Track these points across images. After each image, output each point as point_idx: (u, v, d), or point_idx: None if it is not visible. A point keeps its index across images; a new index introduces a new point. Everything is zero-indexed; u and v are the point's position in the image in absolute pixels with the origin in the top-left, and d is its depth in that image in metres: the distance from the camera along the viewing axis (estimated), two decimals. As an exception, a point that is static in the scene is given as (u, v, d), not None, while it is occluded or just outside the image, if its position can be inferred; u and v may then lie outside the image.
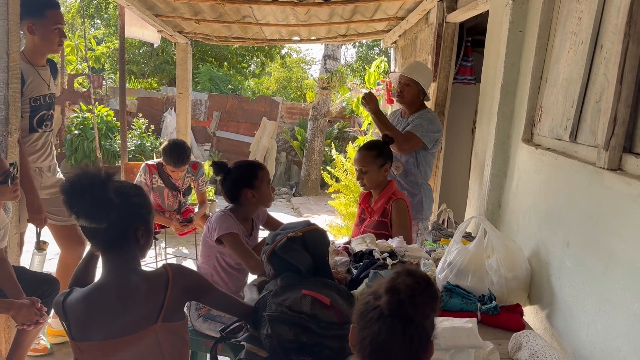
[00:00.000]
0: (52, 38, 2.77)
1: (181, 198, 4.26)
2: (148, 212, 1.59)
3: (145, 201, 1.58)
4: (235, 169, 2.37)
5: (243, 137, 10.34)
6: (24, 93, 2.73)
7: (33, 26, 2.71)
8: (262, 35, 5.68)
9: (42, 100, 2.85)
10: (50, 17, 2.74)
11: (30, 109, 2.80)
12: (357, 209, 3.02)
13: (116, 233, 1.50)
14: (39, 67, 2.83)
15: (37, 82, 2.81)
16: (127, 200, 1.50)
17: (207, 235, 2.37)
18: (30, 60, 2.79)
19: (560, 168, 1.92)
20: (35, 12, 2.71)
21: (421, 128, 3.09)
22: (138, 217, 1.54)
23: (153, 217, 1.63)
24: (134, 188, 1.57)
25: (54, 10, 2.77)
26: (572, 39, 1.96)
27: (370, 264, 2.11)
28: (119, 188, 1.50)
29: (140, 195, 1.57)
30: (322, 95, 8.82)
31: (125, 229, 1.51)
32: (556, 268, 1.87)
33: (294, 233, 1.76)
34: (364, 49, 19.56)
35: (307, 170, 9.33)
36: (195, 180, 4.22)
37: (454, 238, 2.17)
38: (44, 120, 2.90)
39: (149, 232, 1.59)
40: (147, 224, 1.58)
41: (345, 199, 5.58)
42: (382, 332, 1.02)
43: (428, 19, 4.36)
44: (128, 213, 1.51)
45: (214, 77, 14.01)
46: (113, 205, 1.45)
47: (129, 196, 1.52)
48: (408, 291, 1.02)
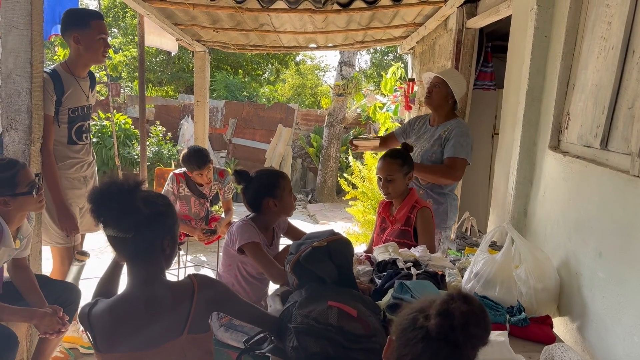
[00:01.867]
0: (97, 48, 2.82)
1: (208, 206, 4.28)
2: (174, 221, 1.58)
3: (171, 211, 1.57)
4: (257, 177, 2.36)
5: (259, 144, 10.36)
6: (63, 103, 2.78)
7: (79, 36, 2.77)
8: (279, 43, 5.68)
9: (80, 111, 2.89)
10: (95, 28, 2.79)
11: (68, 120, 2.83)
12: (377, 217, 2.99)
13: (143, 242, 1.48)
14: (80, 78, 2.88)
15: (77, 92, 2.85)
16: (154, 210, 1.49)
17: (228, 245, 2.35)
18: (72, 70, 2.84)
19: (590, 176, 1.87)
20: (81, 23, 2.78)
21: (461, 148, 3.01)
22: (165, 226, 1.53)
23: (178, 227, 1.62)
24: (161, 198, 1.56)
25: (98, 20, 2.83)
26: (601, 44, 1.92)
27: (395, 274, 2.07)
28: (147, 197, 1.49)
29: (167, 205, 1.56)
30: (338, 102, 8.81)
31: (152, 239, 1.50)
32: (588, 279, 1.82)
33: (318, 243, 1.74)
34: (379, 55, 19.58)
35: (323, 177, 9.31)
36: (222, 188, 4.24)
37: (480, 247, 2.12)
38: (82, 132, 2.93)
39: (174, 241, 1.57)
40: (173, 233, 1.57)
41: (363, 206, 5.55)
42: (425, 353, 0.98)
43: (447, 25, 4.33)
44: (155, 222, 1.50)
45: (229, 84, 14.10)
46: (141, 215, 1.44)
47: (157, 205, 1.51)
48: (462, 318, 0.97)
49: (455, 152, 3.04)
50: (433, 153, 3.15)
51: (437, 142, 3.16)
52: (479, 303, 1.10)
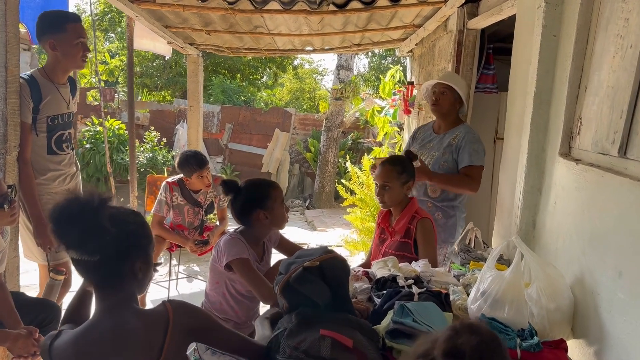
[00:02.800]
0: (75, 53, 2.65)
1: (203, 215, 4.12)
2: (148, 242, 1.42)
3: (144, 230, 1.41)
4: (246, 188, 2.20)
5: (256, 149, 10.20)
6: (41, 110, 2.61)
7: (55, 42, 2.60)
8: (274, 46, 5.54)
9: (60, 119, 2.72)
10: (72, 31, 2.63)
11: (47, 128, 2.66)
12: (376, 228, 2.83)
13: (111, 266, 1.32)
14: (60, 84, 2.71)
15: (56, 99, 2.68)
16: (124, 229, 1.33)
17: (215, 261, 2.20)
18: (51, 77, 2.67)
19: (607, 186, 1.71)
20: (56, 28, 2.61)
21: (477, 155, 2.91)
22: (136, 248, 1.37)
23: (154, 248, 1.46)
24: (133, 215, 1.40)
25: (74, 24, 2.65)
26: (617, 43, 1.76)
27: (395, 292, 1.91)
28: (115, 215, 1.33)
29: (140, 224, 1.40)
30: (336, 106, 8.66)
31: (121, 262, 1.34)
32: (606, 300, 1.66)
33: (310, 262, 1.57)
34: (377, 58, 19.46)
35: (320, 183, 9.15)
36: (218, 196, 4.08)
37: (487, 263, 1.96)
38: (63, 142, 2.76)
39: (148, 264, 1.41)
40: (147, 255, 1.41)
41: (361, 212, 5.39)
42: None
43: (447, 26, 4.18)
44: (125, 244, 1.33)
45: (226, 88, 13.96)
46: (107, 235, 1.28)
47: (126, 224, 1.35)
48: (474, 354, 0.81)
49: (472, 160, 2.92)
50: (445, 161, 3.00)
51: (448, 150, 3.02)
52: (488, 330, 0.95)
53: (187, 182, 3.90)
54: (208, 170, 3.87)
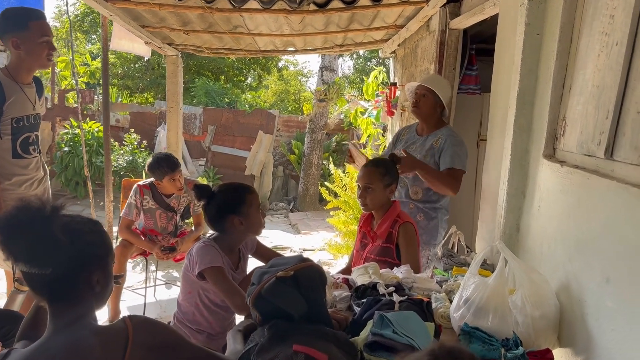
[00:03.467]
0: (39, 52, 2.52)
1: (177, 220, 4.00)
2: (106, 252, 1.32)
3: (102, 239, 1.31)
4: (220, 193, 2.10)
5: (239, 152, 10.08)
6: (4, 112, 2.47)
7: (18, 41, 2.46)
8: (255, 46, 5.44)
9: (25, 121, 2.58)
10: (35, 30, 2.49)
11: (12, 131, 2.53)
12: (358, 232, 2.75)
13: (64, 280, 1.22)
14: (24, 84, 2.57)
15: (21, 100, 2.55)
16: (78, 239, 1.23)
17: (187, 269, 2.09)
18: (15, 76, 2.53)
19: (593, 189, 1.65)
20: (19, 26, 2.47)
21: (458, 158, 2.87)
22: (93, 259, 1.27)
23: (113, 259, 1.36)
24: (89, 224, 1.30)
25: (38, 21, 2.52)
26: (602, 41, 1.70)
27: (375, 301, 1.83)
28: (68, 225, 1.22)
29: (97, 233, 1.30)
30: (320, 108, 8.58)
31: (75, 275, 1.24)
32: (593, 308, 1.59)
33: (284, 272, 1.48)
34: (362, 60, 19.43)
35: (304, 185, 9.05)
36: (193, 200, 3.96)
37: (470, 270, 1.89)
38: (29, 144, 2.63)
39: (107, 276, 1.31)
40: (105, 267, 1.31)
41: (345, 215, 5.31)
42: None
43: (429, 26, 4.12)
44: (79, 255, 1.23)
45: (210, 90, 13.80)
46: (60, 246, 1.18)
47: (81, 234, 1.25)
48: None
49: (453, 162, 2.87)
50: (427, 164, 2.94)
51: (430, 153, 2.97)
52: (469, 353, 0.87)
53: (159, 185, 3.78)
54: (180, 174, 3.76)
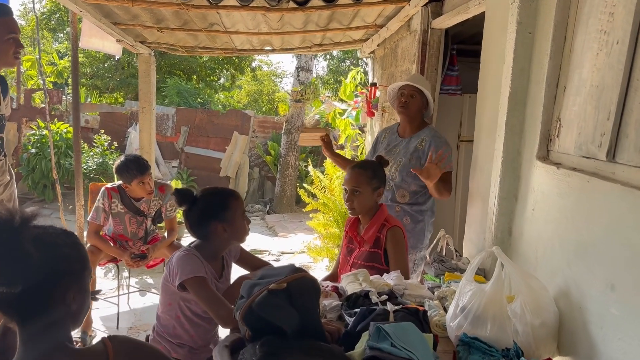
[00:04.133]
0: (6, 49, 2.36)
1: (148, 225, 3.83)
2: (82, 266, 1.19)
3: (78, 252, 1.19)
4: (203, 198, 1.98)
5: (213, 153, 9.89)
6: None
7: None
8: (231, 45, 5.30)
9: None
10: (2, 26, 2.33)
11: None
12: (344, 237, 2.66)
13: (36, 299, 1.10)
14: None
15: None
16: (51, 253, 1.11)
17: (167, 280, 1.97)
18: None
19: (594, 192, 1.59)
20: None
21: (446, 160, 2.78)
22: (68, 274, 1.15)
23: (90, 274, 1.23)
24: (63, 235, 1.17)
25: (4, 18, 2.36)
26: (601, 39, 1.65)
27: (368, 311, 1.74)
28: (41, 237, 1.10)
29: (72, 245, 1.17)
30: (296, 108, 8.47)
31: (49, 293, 1.11)
32: (597, 315, 1.54)
33: (276, 285, 1.38)
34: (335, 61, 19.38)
35: (281, 187, 8.93)
36: (164, 205, 3.79)
37: (466, 276, 1.82)
38: None
39: (83, 293, 1.19)
40: (81, 282, 1.18)
41: (324, 218, 5.22)
42: None
43: (410, 26, 4.07)
44: (53, 270, 1.11)
45: (182, 90, 13.54)
46: (31, 261, 1.06)
47: (55, 247, 1.13)
48: None
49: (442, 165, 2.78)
50: (413, 167, 2.86)
51: (415, 155, 2.91)
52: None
53: (127, 188, 3.60)
54: (150, 177, 3.60)
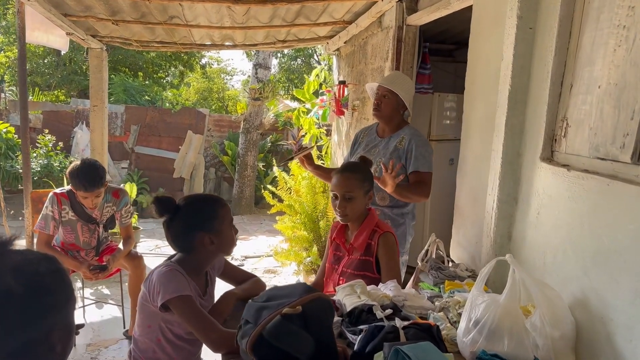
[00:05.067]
0: None
1: (100, 233, 3.52)
2: (67, 298, 0.99)
3: (63, 282, 0.98)
4: (187, 206, 1.77)
5: (166, 153, 9.50)
6: None
7: None
8: (190, 40, 5.04)
9: None
10: None
11: None
12: (329, 244, 2.50)
13: (14, 341, 0.88)
14: None
15: None
16: (34, 286, 0.90)
17: (146, 299, 1.75)
18: None
19: (616, 196, 1.50)
20: None
21: (424, 160, 2.71)
22: (53, 311, 0.94)
23: (74, 306, 1.03)
24: (45, 262, 0.97)
25: None
26: (619, 34, 1.57)
27: (377, 329, 1.59)
28: (21, 267, 0.89)
29: (56, 274, 0.97)
30: (254, 107, 8.22)
31: (31, 336, 0.90)
32: (624, 327, 1.45)
33: (290, 309, 1.21)
34: (287, 59, 19.16)
35: (240, 187, 8.66)
36: (118, 211, 3.49)
37: (477, 286, 1.70)
38: None
39: (69, 331, 0.99)
40: (66, 319, 0.98)
41: (291, 220, 5.04)
42: None
43: (382, 23, 3.95)
44: (37, 308, 0.90)
45: (128, 87, 12.98)
46: (11, 298, 0.85)
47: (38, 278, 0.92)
48: None
49: (418, 165, 2.71)
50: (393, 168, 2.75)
51: (395, 155, 2.78)
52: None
53: (78, 194, 3.26)
54: (99, 195, 3.23)
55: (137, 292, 3.50)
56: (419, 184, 2.72)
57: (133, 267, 3.44)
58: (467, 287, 2.02)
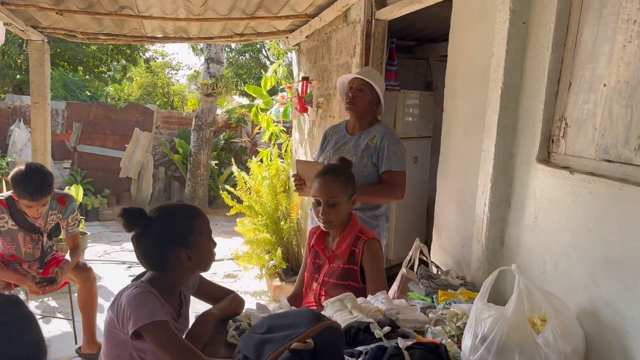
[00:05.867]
0: None
1: (45, 242, 3.20)
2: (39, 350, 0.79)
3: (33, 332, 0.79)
4: (160, 219, 1.57)
5: (112, 152, 9.01)
6: None
7: None
8: (141, 32, 4.72)
9: None
10: None
11: None
12: (307, 251, 2.34)
13: None
14: None
15: None
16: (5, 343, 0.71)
17: (114, 326, 1.53)
18: None
19: (631, 202, 1.41)
20: None
21: (397, 159, 2.61)
22: None
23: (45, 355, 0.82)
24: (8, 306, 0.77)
25: None
26: (629, 30, 1.48)
27: (380, 351, 1.44)
28: None
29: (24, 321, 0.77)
30: (207, 103, 7.90)
31: None
32: (644, 340, 1.37)
33: (301, 344, 1.04)
34: (234, 54, 18.76)
35: (192, 187, 8.32)
36: (64, 219, 3.17)
37: (481, 299, 1.58)
38: None
39: None
40: None
41: (252, 222, 4.83)
42: None
43: (348, 17, 3.81)
44: None
45: (68, 82, 12.28)
46: None
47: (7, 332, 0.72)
48: None
49: (393, 164, 2.59)
50: (364, 167, 2.63)
51: (366, 154, 2.65)
52: None
53: (19, 202, 2.93)
54: (45, 203, 2.94)
55: (89, 307, 3.24)
56: (391, 185, 2.62)
57: (82, 281, 3.15)
58: (461, 297, 1.90)
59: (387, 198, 2.69)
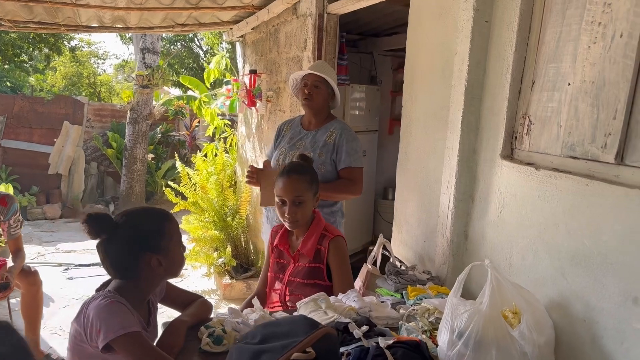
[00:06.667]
0: None
1: (-18, 246, 2.97)
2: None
3: None
4: (128, 224, 1.47)
5: (39, 147, 8.48)
6: None
7: None
8: (75, 21, 4.44)
9: None
10: None
11: None
12: (269, 251, 2.30)
13: None
14: None
15: None
16: None
17: (81, 340, 1.43)
18: None
19: (598, 197, 1.47)
20: None
21: (355, 155, 2.61)
22: None
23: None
24: None
25: None
26: (594, 31, 1.54)
27: (363, 352, 1.43)
28: None
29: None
30: (143, 95, 7.58)
31: None
32: (613, 330, 1.43)
33: (302, 353, 1.00)
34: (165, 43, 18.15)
35: (128, 183, 7.97)
36: (5, 221, 2.95)
37: (455, 294, 1.60)
38: None
39: None
40: None
41: (198, 219, 4.70)
42: None
43: (297, 10, 3.76)
44: None
45: (-13, 73, 11.44)
46: None
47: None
48: None
49: (351, 161, 2.59)
50: (322, 163, 2.61)
51: (325, 150, 2.64)
52: None
53: None
54: None
55: (33, 313, 3.03)
56: (349, 181, 2.62)
57: (27, 285, 2.95)
58: (430, 291, 1.93)
59: (346, 194, 2.68)
